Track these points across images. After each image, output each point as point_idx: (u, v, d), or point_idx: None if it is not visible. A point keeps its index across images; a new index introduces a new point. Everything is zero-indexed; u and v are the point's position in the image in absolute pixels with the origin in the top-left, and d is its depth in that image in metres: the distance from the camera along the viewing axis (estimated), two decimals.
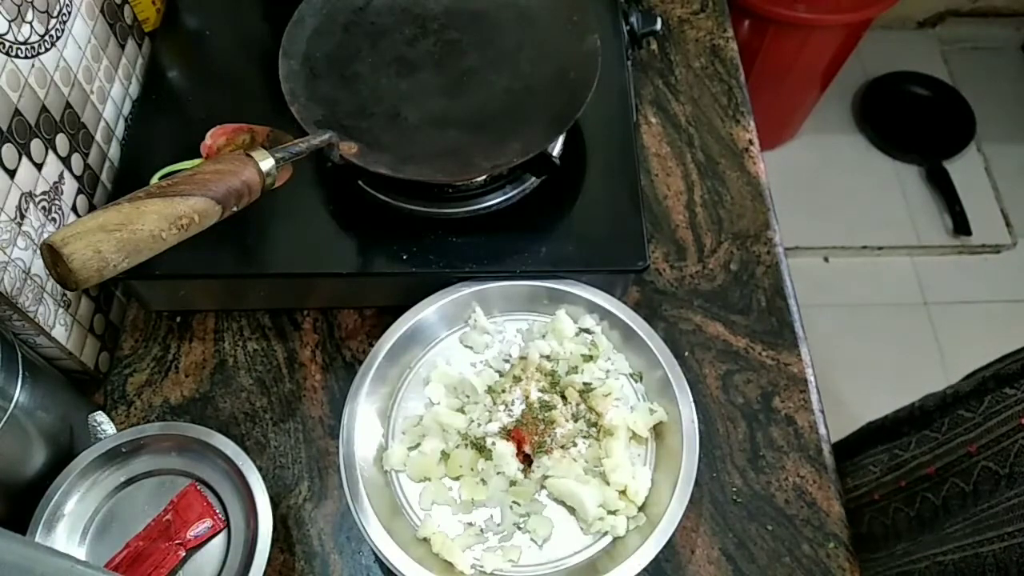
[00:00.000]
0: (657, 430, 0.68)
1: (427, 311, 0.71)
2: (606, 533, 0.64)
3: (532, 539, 0.64)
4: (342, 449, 0.64)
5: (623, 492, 0.65)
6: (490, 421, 0.68)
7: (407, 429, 0.68)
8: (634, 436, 0.68)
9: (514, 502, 0.65)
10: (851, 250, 1.94)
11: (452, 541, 0.63)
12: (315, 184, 0.75)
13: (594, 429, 0.68)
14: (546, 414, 0.68)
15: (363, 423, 0.66)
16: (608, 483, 0.65)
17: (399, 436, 0.68)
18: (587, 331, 0.72)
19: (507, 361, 0.72)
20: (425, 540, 0.63)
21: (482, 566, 0.62)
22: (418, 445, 0.67)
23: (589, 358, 0.70)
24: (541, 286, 0.72)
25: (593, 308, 0.72)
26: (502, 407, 0.69)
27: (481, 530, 0.64)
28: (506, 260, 0.72)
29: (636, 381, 0.71)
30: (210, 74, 0.83)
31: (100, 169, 0.75)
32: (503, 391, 0.69)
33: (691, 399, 0.67)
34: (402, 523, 0.64)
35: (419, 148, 0.71)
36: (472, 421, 0.68)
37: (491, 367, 0.71)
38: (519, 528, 0.64)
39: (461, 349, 0.73)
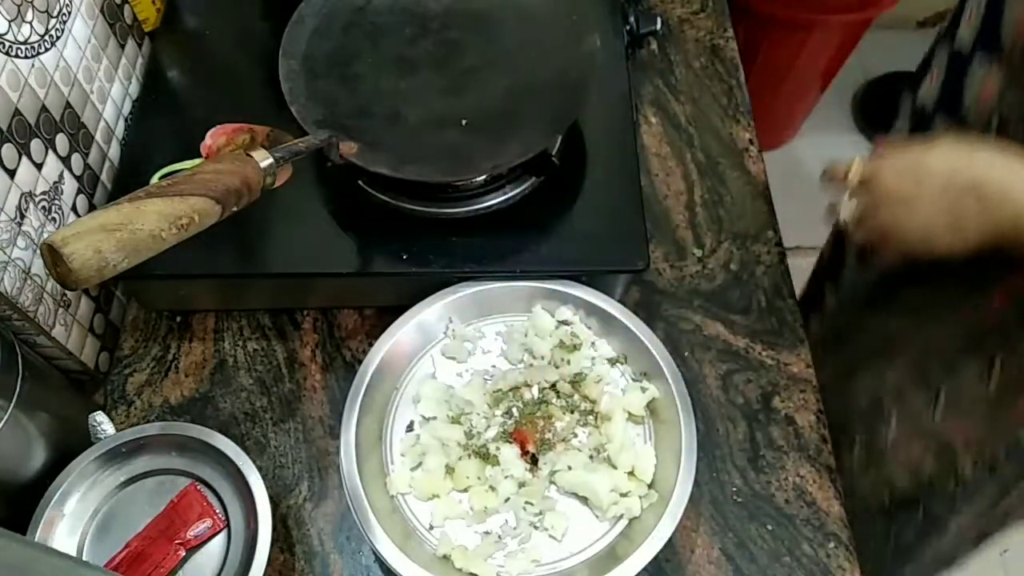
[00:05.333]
0: (651, 407, 0.69)
1: (403, 330, 0.70)
2: (621, 516, 0.64)
3: (551, 536, 0.64)
4: (346, 483, 0.63)
5: (631, 473, 0.65)
6: (488, 427, 0.68)
7: (406, 450, 0.67)
8: (631, 416, 0.68)
9: (527, 503, 0.65)
10: None
11: (472, 553, 0.62)
12: (315, 184, 0.75)
13: (591, 417, 0.69)
14: (543, 410, 0.68)
15: (361, 454, 0.65)
16: (615, 467, 0.65)
17: (399, 459, 0.68)
18: (565, 323, 0.72)
19: (493, 365, 0.72)
20: (445, 558, 0.62)
21: (508, 572, 0.62)
22: (420, 464, 0.66)
23: (573, 348, 0.71)
24: (538, 287, 0.72)
25: (591, 310, 0.72)
26: (498, 411, 0.69)
27: (499, 536, 0.64)
28: (506, 260, 0.71)
29: (621, 363, 0.71)
30: (210, 74, 0.83)
31: (100, 169, 0.75)
32: (495, 395, 0.69)
33: (677, 371, 0.67)
34: (418, 545, 0.63)
35: (419, 148, 0.71)
36: (471, 430, 0.68)
37: (478, 373, 0.71)
38: (535, 527, 0.64)
39: (444, 361, 0.72)
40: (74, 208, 0.70)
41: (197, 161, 0.67)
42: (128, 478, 0.65)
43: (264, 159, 0.59)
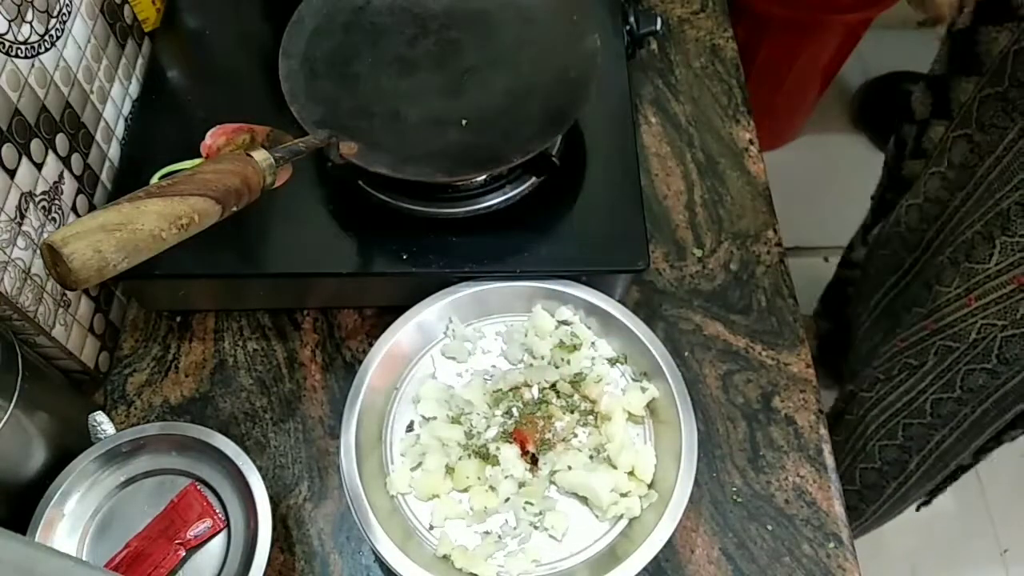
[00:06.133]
0: (651, 407, 0.69)
1: (403, 330, 0.70)
2: (621, 516, 0.64)
3: (551, 535, 0.64)
4: (346, 483, 0.63)
5: (631, 473, 0.65)
6: (488, 427, 0.68)
7: (406, 450, 0.67)
8: (631, 417, 0.68)
9: (527, 503, 0.65)
10: None
11: (472, 553, 0.62)
12: (315, 184, 0.75)
13: (591, 417, 0.69)
14: (543, 410, 0.68)
15: (361, 454, 0.65)
16: (615, 467, 0.65)
17: (399, 459, 0.68)
18: (565, 323, 0.72)
19: (493, 365, 0.72)
20: (445, 558, 0.62)
21: (507, 572, 0.62)
22: (420, 464, 0.66)
23: (573, 348, 0.71)
24: (539, 287, 0.72)
25: (591, 310, 0.72)
26: (498, 411, 0.69)
27: (499, 536, 0.64)
28: (506, 260, 0.72)
29: (621, 363, 0.71)
30: (210, 74, 0.83)
31: (100, 169, 0.75)
32: (495, 395, 0.69)
33: (677, 371, 0.67)
34: (418, 545, 0.63)
35: (419, 148, 0.71)
36: (471, 430, 0.68)
37: (478, 374, 0.71)
38: (535, 527, 0.64)
39: (444, 361, 0.72)
40: (74, 208, 0.71)
41: (197, 161, 0.67)
42: (128, 478, 0.65)
43: (264, 159, 0.59)
